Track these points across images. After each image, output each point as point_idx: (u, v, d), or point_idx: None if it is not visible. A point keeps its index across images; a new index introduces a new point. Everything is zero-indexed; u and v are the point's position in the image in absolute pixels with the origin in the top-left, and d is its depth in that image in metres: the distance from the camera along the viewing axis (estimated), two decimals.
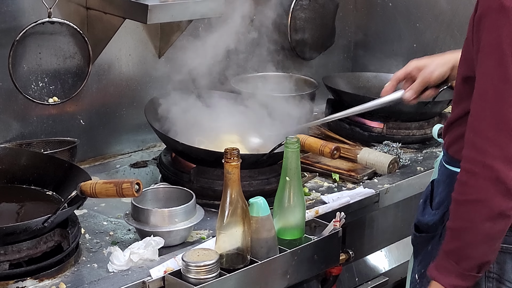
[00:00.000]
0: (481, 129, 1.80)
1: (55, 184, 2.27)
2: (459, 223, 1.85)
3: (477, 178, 1.79)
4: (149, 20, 2.52)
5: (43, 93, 2.60)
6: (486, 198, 1.78)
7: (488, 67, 1.78)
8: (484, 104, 1.79)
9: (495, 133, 1.78)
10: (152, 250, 2.10)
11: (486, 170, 1.78)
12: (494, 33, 1.76)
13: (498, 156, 1.76)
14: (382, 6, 3.67)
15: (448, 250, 1.87)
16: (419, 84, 2.34)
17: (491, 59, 1.77)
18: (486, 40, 1.78)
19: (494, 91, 1.77)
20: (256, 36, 3.29)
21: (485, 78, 1.79)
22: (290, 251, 2.12)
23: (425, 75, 2.33)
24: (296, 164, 2.14)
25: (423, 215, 2.14)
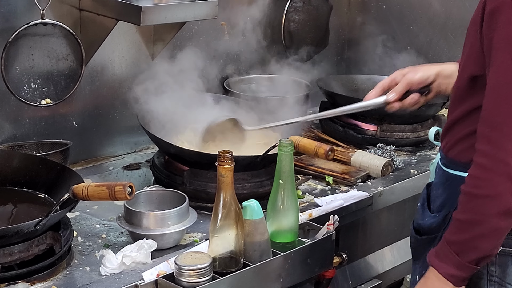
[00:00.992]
0: (496, 123, 1.79)
1: (47, 186, 2.26)
2: (469, 215, 1.85)
3: (491, 173, 1.79)
4: (143, 22, 2.52)
5: (36, 94, 2.58)
6: (500, 193, 1.79)
7: (502, 61, 1.78)
8: (500, 98, 1.79)
9: (510, 128, 1.77)
10: (145, 253, 2.09)
11: (501, 165, 1.78)
12: (508, 28, 1.75)
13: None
14: (376, 8, 3.67)
15: (452, 240, 1.88)
16: (401, 85, 2.32)
17: (505, 53, 1.77)
18: (500, 34, 1.77)
19: (508, 85, 1.77)
20: (249, 38, 3.29)
21: (500, 72, 1.79)
22: (284, 254, 2.11)
23: (408, 76, 2.32)
24: (290, 167, 2.13)
25: (423, 218, 2.13)
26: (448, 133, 2.05)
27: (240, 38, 3.28)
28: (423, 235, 2.13)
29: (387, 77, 2.38)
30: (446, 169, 2.05)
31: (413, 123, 3.11)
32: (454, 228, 1.89)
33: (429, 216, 2.11)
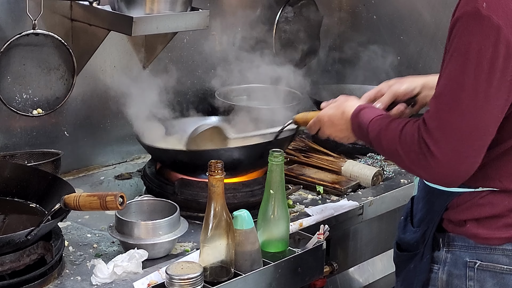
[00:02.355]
0: (431, 128, 1.82)
1: (38, 196, 2.26)
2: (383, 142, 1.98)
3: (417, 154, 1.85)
4: (134, 32, 2.53)
5: (27, 104, 2.59)
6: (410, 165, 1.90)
7: (450, 71, 1.80)
8: (438, 105, 1.82)
9: (442, 136, 1.80)
10: (136, 262, 2.10)
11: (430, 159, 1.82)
12: (464, 38, 1.76)
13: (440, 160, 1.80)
14: (367, 19, 3.69)
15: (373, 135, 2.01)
16: (387, 96, 2.33)
17: (455, 64, 1.78)
18: (456, 44, 1.78)
19: (449, 95, 1.79)
20: (241, 48, 3.30)
21: (445, 81, 1.81)
22: (274, 263, 2.12)
23: (394, 88, 2.32)
24: (280, 177, 2.15)
25: (404, 232, 2.13)
26: None
27: (231, 48, 3.29)
28: (403, 251, 2.13)
29: (373, 88, 2.40)
30: (427, 182, 2.05)
31: None
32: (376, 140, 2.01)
33: (410, 231, 2.11)
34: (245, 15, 3.29)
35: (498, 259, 1.94)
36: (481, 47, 1.74)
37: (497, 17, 1.73)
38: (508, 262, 1.94)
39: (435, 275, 2.03)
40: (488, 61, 1.74)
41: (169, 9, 2.62)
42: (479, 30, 1.74)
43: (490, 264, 1.95)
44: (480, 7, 1.74)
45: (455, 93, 1.78)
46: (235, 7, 3.29)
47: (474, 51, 1.75)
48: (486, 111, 1.77)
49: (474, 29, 1.75)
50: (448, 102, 1.79)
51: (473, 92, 1.76)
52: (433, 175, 1.85)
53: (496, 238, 1.93)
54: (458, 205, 1.96)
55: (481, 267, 1.95)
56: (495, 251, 1.94)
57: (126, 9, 2.58)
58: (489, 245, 1.94)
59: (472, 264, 1.96)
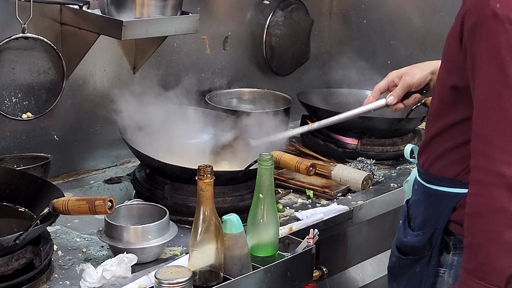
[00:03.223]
0: (488, 136, 1.79)
1: (27, 200, 2.25)
2: (479, 236, 1.80)
3: (491, 187, 1.76)
4: (124, 36, 2.53)
5: (17, 108, 2.58)
6: (502, 206, 1.76)
7: (488, 74, 1.79)
8: (489, 111, 1.80)
9: (503, 139, 1.77)
10: (125, 267, 2.09)
11: (498, 177, 1.76)
12: (491, 41, 1.78)
13: (506, 161, 1.76)
14: (357, 23, 3.70)
15: (471, 268, 1.82)
16: (401, 88, 2.32)
17: (491, 66, 1.78)
18: (484, 48, 1.79)
19: (497, 97, 1.78)
20: (231, 52, 3.31)
21: (486, 85, 1.80)
22: (264, 268, 2.12)
23: (406, 78, 2.31)
24: (270, 181, 2.14)
25: (405, 236, 2.09)
26: (427, 149, 2.04)
27: (222, 52, 3.30)
28: (406, 255, 2.10)
29: (383, 79, 2.38)
30: (428, 185, 2.04)
31: (393, 137, 3.13)
32: (469, 254, 1.84)
33: (411, 235, 2.08)
34: (235, 19, 3.30)
35: None
36: (509, 44, 1.76)
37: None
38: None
39: (441, 278, 2.01)
40: None
41: (159, 13, 2.62)
42: (503, 29, 1.76)
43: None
44: (495, 8, 1.76)
45: (502, 92, 1.77)
46: (225, 11, 3.29)
47: (506, 50, 1.76)
48: None
49: (497, 30, 1.77)
50: (497, 103, 1.78)
51: None
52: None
53: None
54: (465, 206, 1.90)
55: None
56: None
57: (116, 13, 2.58)
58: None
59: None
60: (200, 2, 3.15)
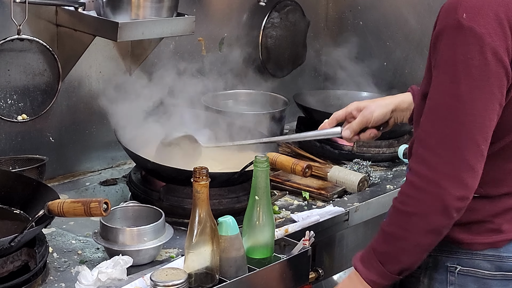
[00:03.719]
0: (431, 144, 1.82)
1: (22, 202, 2.25)
2: (395, 229, 1.90)
3: (421, 192, 1.83)
4: (119, 37, 2.53)
5: (12, 110, 2.58)
6: (426, 213, 1.83)
7: (441, 83, 1.81)
8: (435, 120, 1.82)
9: (445, 150, 1.80)
10: (121, 269, 2.09)
11: (432, 186, 1.81)
12: (449, 51, 1.78)
13: (446, 173, 1.80)
14: (353, 24, 3.70)
15: (378, 250, 1.94)
16: (357, 123, 2.35)
17: (444, 75, 1.80)
18: (442, 56, 1.80)
19: (445, 108, 1.80)
20: (227, 54, 3.30)
21: (437, 94, 1.82)
22: (259, 270, 2.12)
23: (365, 114, 2.34)
24: (265, 183, 2.14)
25: None
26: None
27: (218, 54, 3.29)
28: None
29: (343, 109, 2.40)
30: None
31: (389, 138, 3.13)
32: (381, 239, 1.95)
33: None
34: (231, 21, 3.30)
35: (480, 264, 1.96)
36: (467, 56, 1.76)
37: (478, 26, 1.75)
38: (490, 267, 1.95)
39: (417, 279, 2.05)
40: (477, 69, 1.76)
41: (155, 15, 2.62)
42: (463, 40, 1.76)
43: (472, 269, 1.96)
44: (460, 18, 1.76)
45: (452, 104, 1.79)
46: (221, 13, 3.29)
47: (461, 61, 1.76)
48: (485, 117, 1.78)
49: (457, 41, 1.77)
50: (446, 114, 1.80)
51: (469, 100, 1.77)
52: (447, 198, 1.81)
53: (479, 243, 1.95)
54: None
55: (462, 271, 1.97)
56: (476, 256, 1.96)
57: (112, 14, 2.57)
58: (471, 250, 1.95)
59: (453, 269, 1.97)
60: (196, 3, 3.15)
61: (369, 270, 1.95)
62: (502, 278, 1.96)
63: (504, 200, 1.95)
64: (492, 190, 1.92)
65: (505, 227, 1.95)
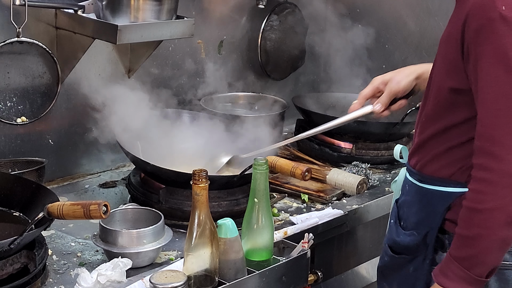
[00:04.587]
0: (497, 137, 1.82)
1: (22, 205, 2.25)
2: (474, 230, 1.86)
3: (495, 185, 1.81)
4: (119, 40, 2.53)
5: (11, 112, 2.58)
6: (504, 205, 1.81)
7: (496, 75, 1.81)
8: (498, 112, 1.82)
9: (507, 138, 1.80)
10: (120, 271, 2.09)
11: (505, 177, 1.80)
12: (499, 43, 1.80)
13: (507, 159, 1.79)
14: (352, 27, 3.69)
15: (460, 257, 1.88)
16: (386, 96, 2.34)
17: (498, 67, 1.80)
18: (491, 50, 1.81)
19: (505, 99, 1.80)
20: (226, 56, 3.31)
21: (494, 87, 1.82)
22: (259, 272, 2.12)
23: (392, 85, 2.33)
24: (265, 185, 2.14)
25: (397, 235, 2.12)
26: (421, 150, 2.06)
27: (217, 56, 3.30)
28: (399, 254, 2.12)
29: (368, 86, 2.39)
30: (422, 184, 2.05)
31: (388, 141, 3.14)
32: (460, 244, 1.90)
33: (403, 234, 2.10)
34: (230, 24, 3.30)
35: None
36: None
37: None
38: (508, 258, 1.96)
39: None
40: None
41: (154, 18, 2.62)
42: (508, 31, 1.78)
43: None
44: (501, 10, 1.78)
45: (510, 93, 1.80)
46: (220, 16, 3.30)
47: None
48: None
49: (503, 32, 1.79)
50: (506, 103, 1.81)
51: None
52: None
53: None
54: (461, 204, 1.94)
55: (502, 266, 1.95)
56: None
57: (111, 17, 2.58)
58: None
59: None
60: (195, 6, 3.15)
61: (454, 281, 1.89)
62: None
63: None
64: None
65: None
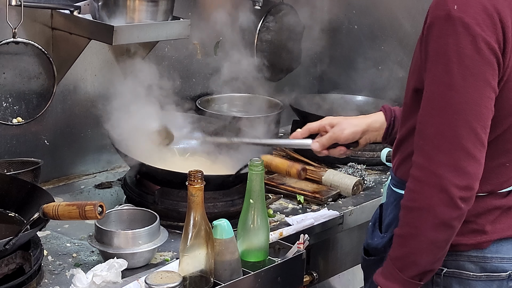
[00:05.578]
0: (428, 135, 1.82)
1: (17, 205, 2.25)
2: (405, 229, 1.88)
3: (423, 185, 1.82)
4: (115, 41, 2.53)
5: (7, 113, 2.58)
6: (431, 205, 1.81)
7: (435, 74, 1.81)
8: (432, 110, 1.83)
9: (442, 140, 1.80)
10: (115, 272, 2.09)
11: (432, 177, 1.80)
12: (441, 41, 1.79)
13: (445, 163, 1.79)
14: (348, 29, 3.70)
15: (394, 256, 1.91)
16: (327, 139, 2.36)
17: (438, 66, 1.80)
18: (433, 48, 1.81)
19: (441, 98, 1.80)
20: (222, 57, 3.30)
21: (432, 85, 1.82)
22: (254, 273, 2.12)
23: (335, 131, 2.35)
24: (260, 186, 2.15)
25: (372, 238, 2.15)
26: (397, 153, 2.08)
27: (213, 57, 3.30)
28: (371, 255, 2.15)
29: (317, 122, 2.41)
30: (395, 189, 2.08)
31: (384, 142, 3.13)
32: (395, 244, 1.92)
33: (378, 236, 2.13)
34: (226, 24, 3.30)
35: (464, 266, 1.96)
36: (459, 46, 1.77)
37: (468, 17, 1.77)
38: (474, 268, 1.96)
39: None
40: (469, 58, 1.77)
41: (150, 18, 2.62)
42: (454, 31, 1.78)
43: (456, 271, 1.96)
44: (451, 9, 1.78)
45: (446, 94, 1.79)
46: (216, 17, 3.29)
47: (453, 51, 1.78)
48: (480, 104, 1.79)
49: (448, 31, 1.78)
50: (441, 103, 1.80)
51: (463, 90, 1.78)
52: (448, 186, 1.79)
53: (463, 245, 1.94)
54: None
55: (448, 273, 1.96)
56: (461, 258, 1.96)
57: (107, 18, 2.58)
58: (456, 251, 1.94)
59: (439, 270, 1.96)
60: (191, 7, 3.15)
61: (390, 281, 1.91)
62: (486, 279, 1.96)
63: (487, 200, 1.94)
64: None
65: (488, 228, 1.95)
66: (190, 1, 3.16)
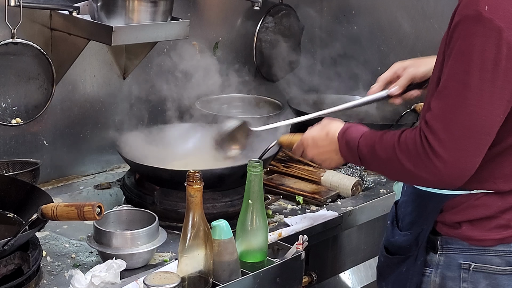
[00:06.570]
0: (436, 129, 1.85)
1: (16, 206, 2.25)
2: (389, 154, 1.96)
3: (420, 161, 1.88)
4: (114, 41, 2.53)
5: (6, 114, 2.57)
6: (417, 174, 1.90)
7: (455, 71, 1.83)
8: (443, 104, 1.85)
9: (447, 134, 1.83)
10: (114, 273, 2.09)
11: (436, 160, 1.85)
12: (467, 41, 1.80)
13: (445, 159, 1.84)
14: (347, 29, 3.70)
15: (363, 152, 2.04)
16: (405, 79, 2.36)
17: (460, 64, 1.82)
18: (459, 46, 1.82)
19: (455, 95, 1.82)
20: (221, 58, 3.31)
21: (450, 80, 1.84)
22: (253, 274, 2.12)
23: (411, 70, 2.36)
24: (259, 187, 2.14)
25: (393, 236, 2.15)
26: None
27: (212, 58, 3.29)
28: (393, 254, 2.15)
29: (388, 71, 2.42)
30: (417, 186, 2.08)
31: None
32: (369, 153, 2.02)
33: (398, 234, 2.13)
34: (225, 25, 3.30)
35: (491, 260, 1.98)
36: (484, 48, 1.78)
37: (498, 20, 1.78)
38: (500, 263, 1.98)
39: (428, 278, 2.06)
40: (492, 62, 1.78)
41: (149, 19, 2.62)
42: (482, 32, 1.78)
43: (484, 266, 1.99)
44: (482, 10, 1.78)
45: (461, 93, 1.81)
46: (215, 17, 3.30)
47: (478, 52, 1.79)
48: (491, 111, 1.81)
49: (476, 31, 1.79)
50: (454, 101, 1.83)
51: (478, 91, 1.80)
52: (438, 176, 1.86)
53: (490, 240, 1.97)
54: (453, 207, 1.99)
55: (475, 268, 1.99)
56: (488, 252, 1.98)
57: (106, 18, 2.58)
58: (483, 246, 1.98)
59: (467, 266, 1.99)
60: (190, 7, 3.15)
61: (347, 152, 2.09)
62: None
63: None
64: (502, 185, 1.95)
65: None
66: (189, 2, 3.16)
